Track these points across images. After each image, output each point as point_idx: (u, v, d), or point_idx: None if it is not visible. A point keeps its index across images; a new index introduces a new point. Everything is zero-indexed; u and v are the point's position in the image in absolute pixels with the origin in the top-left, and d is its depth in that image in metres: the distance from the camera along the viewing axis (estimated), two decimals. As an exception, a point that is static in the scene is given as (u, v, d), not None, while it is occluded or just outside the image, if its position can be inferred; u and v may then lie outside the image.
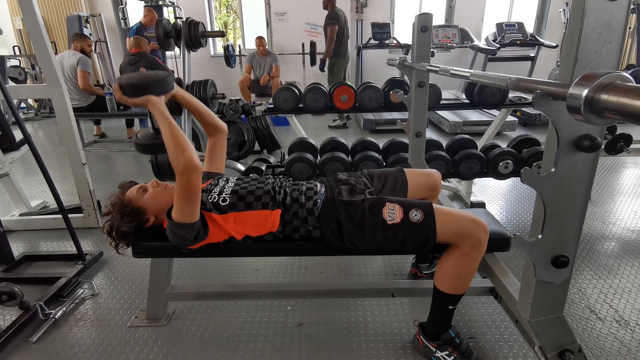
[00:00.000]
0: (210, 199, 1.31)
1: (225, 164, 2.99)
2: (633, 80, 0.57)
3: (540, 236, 0.86)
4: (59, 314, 1.62)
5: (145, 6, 5.12)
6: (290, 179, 1.47)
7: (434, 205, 1.25)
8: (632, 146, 2.48)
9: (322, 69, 5.22)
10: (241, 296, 1.68)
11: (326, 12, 5.05)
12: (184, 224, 1.22)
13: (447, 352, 1.32)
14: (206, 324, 1.60)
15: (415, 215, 1.22)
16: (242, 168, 2.76)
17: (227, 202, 1.30)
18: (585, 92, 0.58)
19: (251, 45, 5.66)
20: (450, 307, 1.30)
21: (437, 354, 1.34)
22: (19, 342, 1.52)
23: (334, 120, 5.43)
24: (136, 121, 4.95)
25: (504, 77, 0.90)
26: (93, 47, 4.83)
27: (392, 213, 1.23)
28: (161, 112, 1.22)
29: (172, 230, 1.25)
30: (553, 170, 0.80)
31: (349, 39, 5.25)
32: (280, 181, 1.42)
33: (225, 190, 1.34)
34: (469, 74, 1.20)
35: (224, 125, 1.56)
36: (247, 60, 5.76)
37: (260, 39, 5.68)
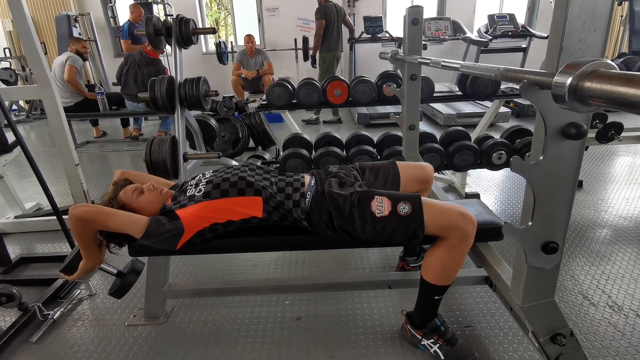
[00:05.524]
0: (188, 192, 1.34)
1: (220, 161, 3.01)
2: (617, 68, 0.58)
3: (530, 223, 0.88)
4: (57, 314, 1.63)
5: (133, 3, 5.09)
6: (276, 170, 1.47)
7: (422, 198, 1.26)
8: (623, 134, 2.50)
9: (313, 65, 5.19)
10: (239, 292, 1.69)
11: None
12: (145, 233, 1.24)
13: (432, 340, 1.35)
14: (205, 320, 1.61)
15: (403, 208, 1.23)
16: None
17: (201, 192, 1.31)
18: (569, 80, 0.59)
19: (243, 42, 5.57)
20: (437, 297, 1.32)
21: (423, 342, 1.37)
22: (19, 342, 1.52)
23: (315, 117, 5.40)
24: (131, 120, 4.93)
25: (493, 68, 0.91)
26: (88, 50, 4.76)
27: (381, 206, 1.24)
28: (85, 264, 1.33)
29: (150, 244, 1.28)
30: (541, 158, 0.81)
31: (341, 33, 5.19)
32: (266, 170, 1.42)
33: (201, 182, 1.36)
34: (459, 66, 1.21)
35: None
36: (235, 60, 5.57)
37: (249, 37, 5.44)
